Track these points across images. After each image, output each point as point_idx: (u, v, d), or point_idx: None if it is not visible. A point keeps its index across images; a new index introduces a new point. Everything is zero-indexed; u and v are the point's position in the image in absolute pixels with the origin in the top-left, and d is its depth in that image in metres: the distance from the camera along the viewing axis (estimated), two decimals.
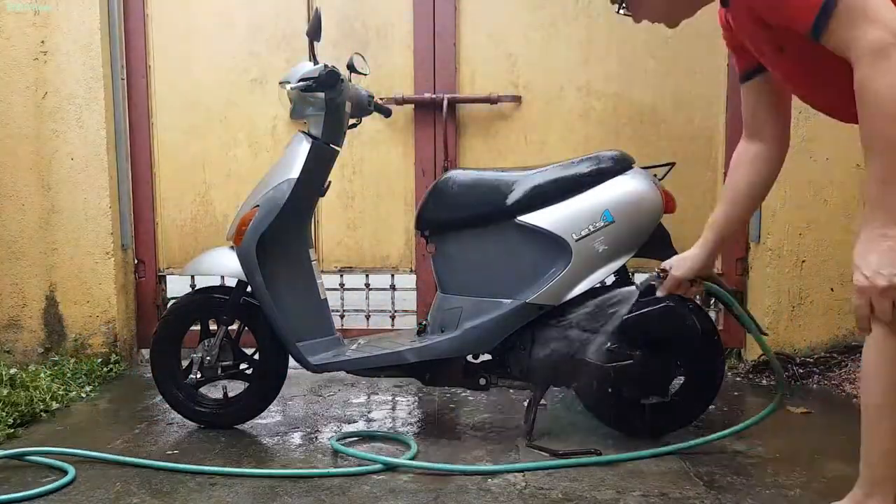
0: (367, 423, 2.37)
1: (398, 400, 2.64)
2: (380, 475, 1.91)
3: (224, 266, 2.24)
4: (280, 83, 2.22)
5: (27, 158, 2.94)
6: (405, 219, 3.02)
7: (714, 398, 2.19)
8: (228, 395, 2.35)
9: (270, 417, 2.40)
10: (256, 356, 2.31)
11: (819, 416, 2.36)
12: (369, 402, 2.61)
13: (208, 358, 2.24)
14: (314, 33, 2.16)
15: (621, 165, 2.09)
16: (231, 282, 2.37)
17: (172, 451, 2.11)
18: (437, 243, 2.22)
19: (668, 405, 2.13)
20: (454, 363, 2.18)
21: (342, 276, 3.09)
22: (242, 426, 2.31)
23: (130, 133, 3.04)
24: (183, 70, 3.03)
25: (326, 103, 2.18)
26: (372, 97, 2.40)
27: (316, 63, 2.16)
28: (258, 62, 3.00)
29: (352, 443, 2.15)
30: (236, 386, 2.37)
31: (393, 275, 3.08)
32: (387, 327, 3.05)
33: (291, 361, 2.26)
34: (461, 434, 2.24)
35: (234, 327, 2.32)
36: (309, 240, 2.35)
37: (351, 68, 2.30)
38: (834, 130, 2.71)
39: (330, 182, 2.34)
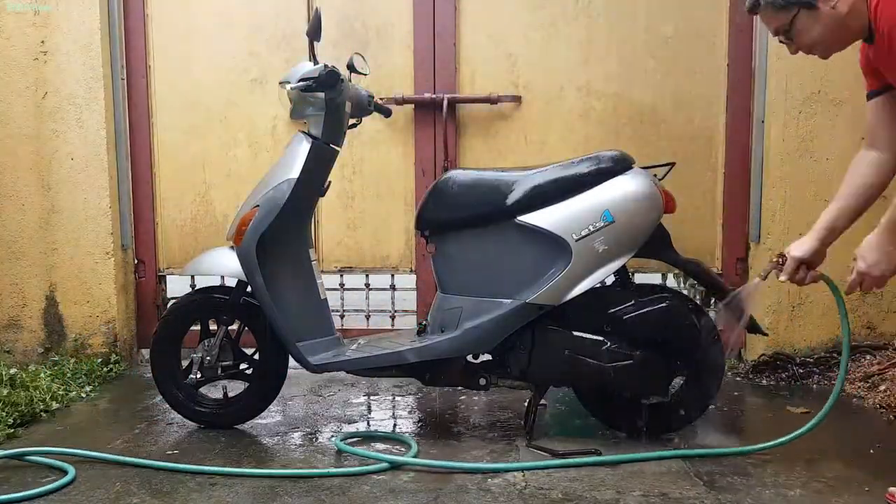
0: (368, 424, 2.37)
1: (398, 400, 2.64)
2: (380, 475, 1.91)
3: (224, 266, 2.24)
4: (280, 83, 2.22)
5: (27, 158, 2.94)
6: (405, 219, 3.02)
7: (714, 398, 2.19)
8: (228, 395, 2.35)
9: (270, 417, 2.41)
10: (256, 356, 2.31)
11: None
12: (369, 402, 2.61)
13: (208, 358, 2.24)
14: (314, 33, 2.15)
15: (621, 165, 2.09)
16: (231, 282, 2.37)
17: (172, 451, 2.11)
18: (437, 243, 2.22)
19: (668, 405, 2.14)
20: (454, 363, 2.18)
21: (342, 276, 3.09)
22: (242, 426, 2.32)
23: (130, 133, 3.04)
24: (183, 70, 3.03)
25: (326, 103, 2.18)
26: (372, 97, 2.40)
27: (316, 63, 2.16)
28: (258, 62, 3.00)
29: (352, 443, 2.15)
30: (236, 386, 2.37)
31: (393, 275, 3.08)
32: (387, 327, 3.05)
33: (291, 361, 2.26)
34: (461, 434, 2.24)
35: (234, 327, 2.32)
36: (309, 240, 2.35)
37: (351, 68, 2.30)
38: (834, 131, 2.73)
39: (330, 182, 2.34)
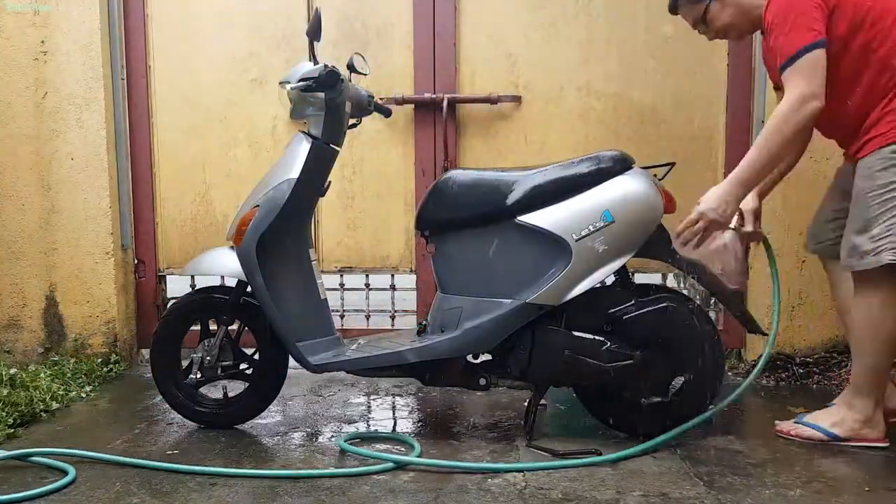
0: (368, 424, 2.37)
1: (398, 400, 2.64)
2: (380, 476, 1.91)
3: (224, 266, 2.24)
4: (280, 83, 2.22)
5: (27, 158, 2.94)
6: (405, 219, 3.02)
7: (714, 398, 2.19)
8: (228, 395, 2.35)
9: (270, 417, 2.41)
10: (256, 356, 2.31)
11: None
12: (369, 402, 2.61)
13: (208, 358, 2.24)
14: (314, 33, 2.15)
15: (621, 165, 2.09)
16: (231, 282, 2.37)
17: (172, 451, 2.11)
18: (437, 243, 2.22)
19: (669, 405, 2.14)
20: (454, 363, 2.18)
21: (342, 276, 3.09)
22: (242, 426, 2.32)
23: (130, 133, 3.04)
24: (183, 70, 3.03)
25: (326, 103, 2.18)
26: (372, 97, 2.40)
27: (316, 63, 2.16)
28: (258, 62, 3.00)
29: (355, 444, 2.15)
30: (236, 386, 2.37)
31: (393, 275, 3.08)
32: (387, 327, 3.05)
33: (291, 361, 2.26)
34: (461, 434, 2.24)
35: (234, 327, 2.32)
36: (309, 240, 2.35)
37: (351, 68, 2.30)
38: None
39: (330, 182, 2.34)
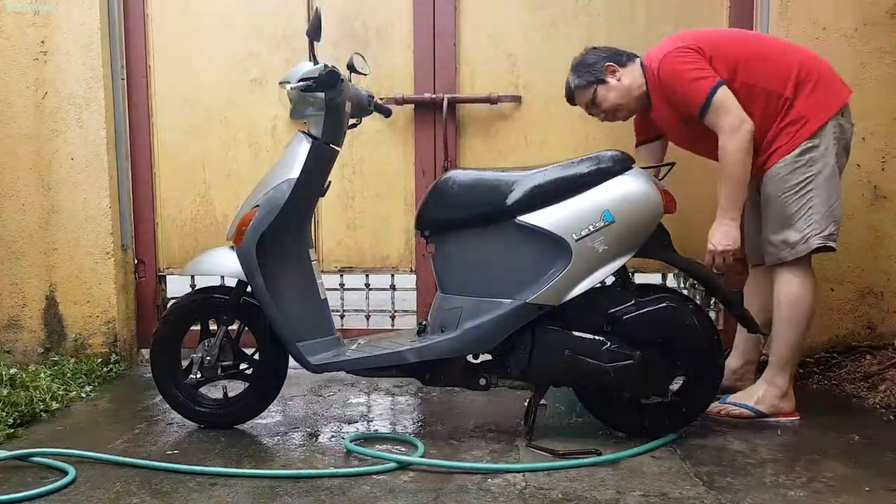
0: (368, 424, 2.37)
1: (398, 400, 2.64)
2: (380, 476, 1.91)
3: (224, 266, 2.24)
4: (280, 83, 2.22)
5: (27, 158, 2.94)
6: (405, 219, 3.02)
7: (714, 398, 2.19)
8: (228, 395, 2.35)
9: (270, 417, 2.41)
10: (256, 356, 2.31)
11: (819, 417, 2.36)
12: (369, 402, 2.61)
13: (208, 358, 2.24)
14: (314, 33, 2.15)
15: (621, 165, 2.09)
16: (231, 282, 2.37)
17: (172, 452, 2.11)
18: (437, 243, 2.22)
19: (668, 405, 2.14)
20: (454, 363, 2.18)
21: (342, 276, 3.09)
22: (242, 426, 2.32)
23: (130, 133, 3.04)
24: (183, 70, 3.03)
25: (326, 103, 2.18)
26: (372, 97, 2.40)
27: (316, 63, 2.16)
28: (258, 62, 3.00)
29: (359, 444, 2.14)
30: (236, 386, 2.37)
31: (393, 275, 3.08)
32: (387, 327, 3.05)
33: (291, 361, 2.26)
34: (461, 434, 2.24)
35: (235, 327, 2.32)
36: (309, 240, 2.35)
37: (351, 68, 2.30)
38: None
39: (330, 182, 2.34)
